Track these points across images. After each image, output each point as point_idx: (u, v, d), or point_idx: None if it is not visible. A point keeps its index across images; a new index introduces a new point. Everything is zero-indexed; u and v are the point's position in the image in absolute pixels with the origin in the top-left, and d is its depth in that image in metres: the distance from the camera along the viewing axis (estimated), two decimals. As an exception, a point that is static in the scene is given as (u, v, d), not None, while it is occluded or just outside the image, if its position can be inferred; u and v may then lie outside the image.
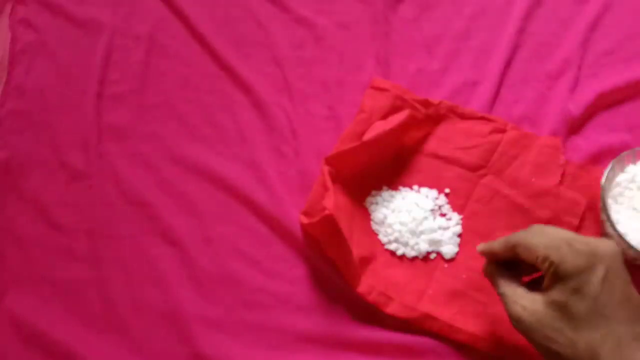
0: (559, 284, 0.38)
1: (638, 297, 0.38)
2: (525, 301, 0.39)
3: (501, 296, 0.41)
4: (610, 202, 0.49)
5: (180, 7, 0.63)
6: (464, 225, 0.52)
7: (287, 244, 0.52)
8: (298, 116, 0.57)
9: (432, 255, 0.51)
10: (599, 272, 0.37)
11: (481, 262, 0.50)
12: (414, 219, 0.51)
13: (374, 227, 0.52)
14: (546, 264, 0.38)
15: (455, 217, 0.52)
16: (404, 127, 0.54)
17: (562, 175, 0.52)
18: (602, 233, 0.50)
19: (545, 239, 0.39)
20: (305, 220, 0.50)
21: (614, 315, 0.36)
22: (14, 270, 0.52)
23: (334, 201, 0.48)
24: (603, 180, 0.48)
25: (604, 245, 0.38)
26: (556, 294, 0.38)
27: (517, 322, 0.39)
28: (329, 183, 0.50)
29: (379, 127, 0.53)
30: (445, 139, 0.55)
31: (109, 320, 0.50)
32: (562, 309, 0.37)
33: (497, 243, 0.43)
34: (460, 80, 0.58)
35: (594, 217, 0.51)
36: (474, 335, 0.47)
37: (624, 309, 0.36)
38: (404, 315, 0.47)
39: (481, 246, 0.44)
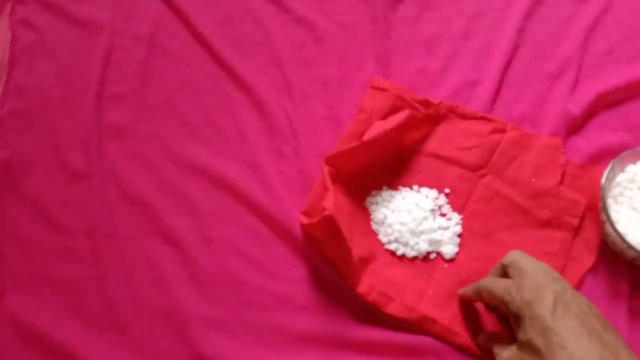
0: (520, 324, 0.39)
1: (599, 321, 0.38)
2: (505, 353, 0.40)
3: (495, 358, 0.42)
4: (610, 202, 0.49)
5: (180, 7, 0.63)
6: (464, 225, 0.52)
7: (287, 244, 0.52)
8: (298, 116, 0.57)
9: (432, 256, 0.51)
10: (547, 302, 0.38)
11: (481, 263, 0.50)
12: (414, 219, 0.51)
13: (374, 227, 0.52)
14: (505, 307, 0.40)
15: (455, 217, 0.52)
16: (404, 127, 0.54)
17: (562, 175, 0.52)
18: (602, 233, 0.50)
19: (502, 282, 0.41)
20: (305, 220, 0.50)
21: (572, 343, 0.36)
22: (14, 270, 0.52)
23: (334, 201, 0.48)
24: (603, 180, 0.48)
25: (551, 276, 0.40)
26: (521, 334, 0.39)
27: None
28: (329, 183, 0.50)
29: (379, 127, 0.53)
30: (445, 139, 0.55)
31: (109, 320, 0.49)
32: (529, 348, 0.38)
33: (468, 288, 0.46)
34: (460, 80, 0.58)
35: (594, 217, 0.51)
36: (473, 337, 0.47)
37: (582, 335, 0.36)
38: (403, 316, 0.47)
39: (460, 291, 0.47)
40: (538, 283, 0.39)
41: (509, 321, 0.41)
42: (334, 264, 0.49)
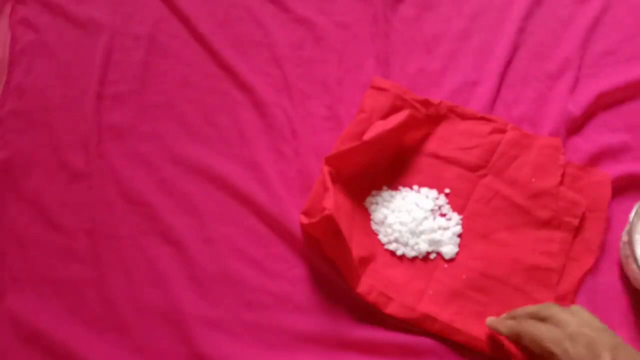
0: None
1: None
2: None
3: None
4: (637, 237, 0.47)
5: (180, 7, 0.63)
6: (464, 225, 0.52)
7: (287, 244, 0.52)
8: (298, 116, 0.57)
9: (432, 256, 0.51)
10: None
11: (481, 263, 0.50)
12: (414, 219, 0.51)
13: (374, 227, 0.52)
14: (549, 357, 0.39)
15: (455, 217, 0.52)
16: (404, 127, 0.54)
17: (562, 175, 0.52)
18: (624, 269, 0.48)
19: (549, 333, 0.40)
20: (305, 220, 0.50)
21: None
22: (14, 270, 0.52)
23: (334, 201, 0.48)
24: (632, 214, 0.47)
25: (605, 335, 0.39)
26: None
27: None
28: (329, 183, 0.50)
29: (379, 127, 0.53)
30: (445, 139, 0.55)
31: (109, 320, 0.50)
32: None
33: (504, 327, 0.43)
34: (460, 80, 0.58)
35: (594, 217, 0.51)
36: (472, 336, 0.46)
37: None
38: (403, 316, 0.47)
39: (490, 320, 0.45)
40: (591, 338, 0.38)
41: None
42: (334, 264, 0.49)
